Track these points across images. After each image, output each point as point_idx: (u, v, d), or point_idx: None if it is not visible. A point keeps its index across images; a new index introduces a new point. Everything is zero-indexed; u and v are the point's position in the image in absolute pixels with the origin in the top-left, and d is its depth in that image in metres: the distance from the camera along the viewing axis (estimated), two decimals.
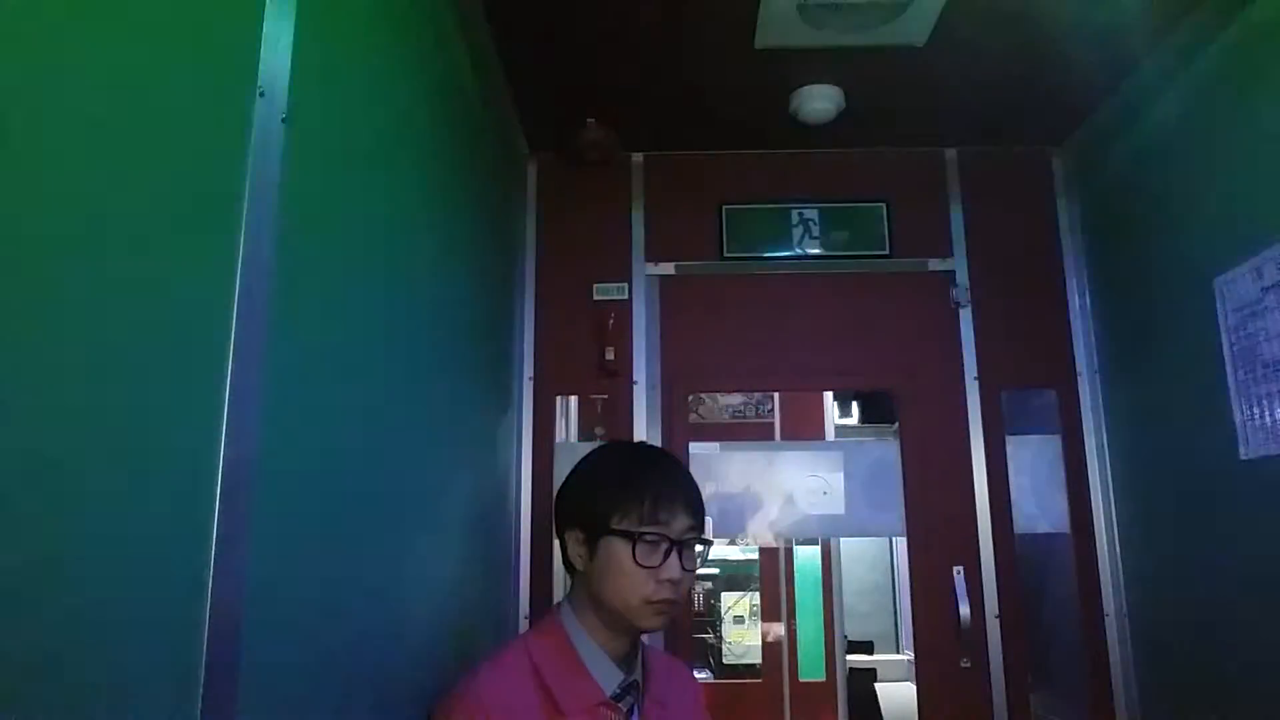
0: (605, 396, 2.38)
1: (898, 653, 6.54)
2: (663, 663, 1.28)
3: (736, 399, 3.97)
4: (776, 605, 3.73)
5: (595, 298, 2.37)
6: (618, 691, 1.14)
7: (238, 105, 0.77)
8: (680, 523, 1.15)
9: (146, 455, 0.62)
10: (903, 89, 2.13)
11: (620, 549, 1.12)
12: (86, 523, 0.56)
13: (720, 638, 3.83)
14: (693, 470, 1.46)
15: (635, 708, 1.17)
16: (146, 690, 0.61)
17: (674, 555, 1.13)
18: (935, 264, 2.40)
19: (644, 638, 1.23)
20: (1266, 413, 1.60)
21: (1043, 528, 2.28)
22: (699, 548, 1.18)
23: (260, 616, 0.76)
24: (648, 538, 1.12)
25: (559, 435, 2.38)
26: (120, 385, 0.60)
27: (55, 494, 0.53)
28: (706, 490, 1.87)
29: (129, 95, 0.61)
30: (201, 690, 0.67)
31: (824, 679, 3.63)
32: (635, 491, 1.14)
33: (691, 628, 3.26)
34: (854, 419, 5.36)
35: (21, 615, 0.50)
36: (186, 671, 0.66)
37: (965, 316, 2.35)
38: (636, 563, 1.11)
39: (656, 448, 1.30)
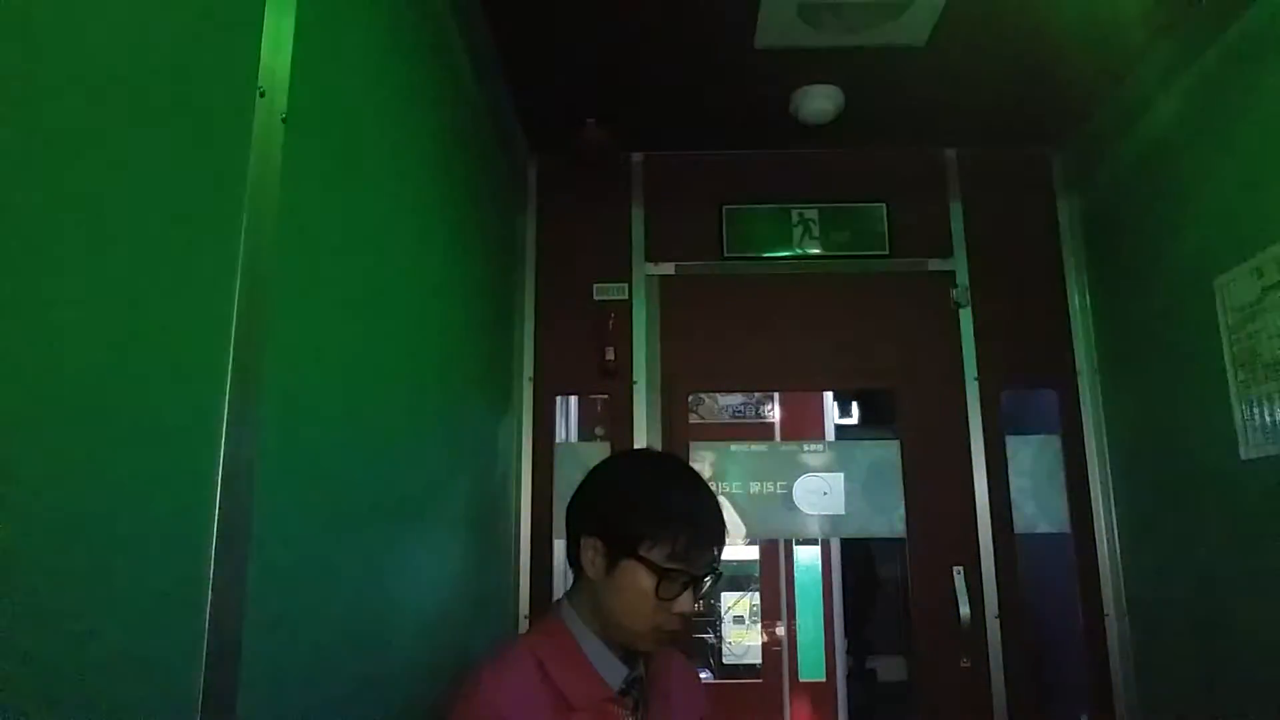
0: (605, 396, 2.38)
1: (898, 653, 6.53)
2: (664, 655, 1.27)
3: (736, 399, 3.97)
4: (776, 605, 3.73)
5: (595, 298, 2.37)
6: (623, 686, 1.14)
7: (238, 105, 0.77)
8: (705, 559, 1.13)
9: (146, 455, 0.62)
10: (903, 89, 2.13)
11: (643, 577, 1.09)
12: (87, 522, 0.56)
13: (720, 638, 3.83)
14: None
15: (641, 702, 1.17)
16: (147, 690, 0.61)
17: (690, 589, 1.12)
18: (935, 264, 2.40)
19: None
20: (1266, 413, 1.60)
21: (1043, 528, 2.27)
22: (708, 578, 1.17)
23: (260, 616, 0.76)
24: (673, 574, 1.10)
25: (559, 435, 2.38)
26: (121, 385, 0.60)
27: (55, 494, 0.53)
28: None
29: (129, 95, 0.62)
30: (202, 690, 0.67)
31: (824, 679, 3.63)
32: (670, 524, 1.10)
33: (692, 628, 3.26)
34: (854, 419, 5.36)
35: (21, 615, 0.50)
36: (187, 671, 0.66)
37: (965, 316, 2.35)
38: (657, 595, 1.10)
39: (690, 469, 1.24)
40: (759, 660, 3.70)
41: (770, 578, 3.79)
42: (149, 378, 0.63)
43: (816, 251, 2.42)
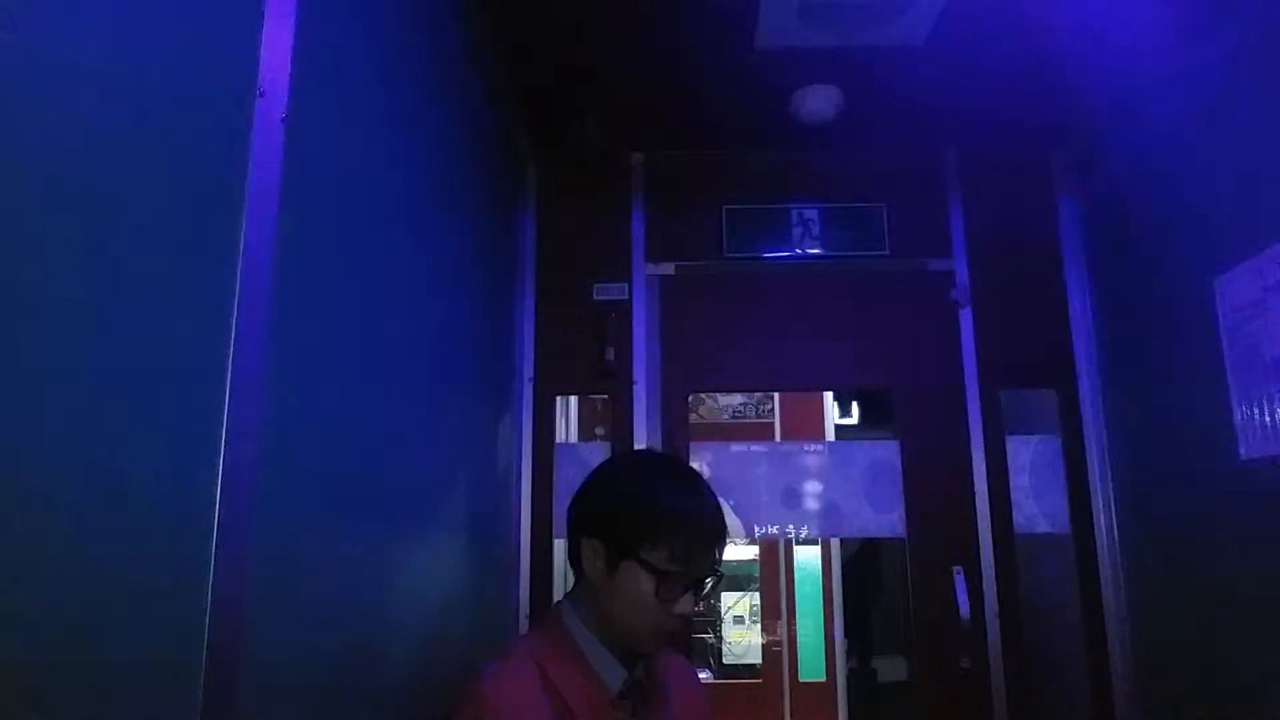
0: (605, 396, 2.38)
1: (898, 653, 6.54)
2: (664, 656, 1.28)
3: (736, 399, 3.97)
4: (776, 605, 3.73)
5: (595, 298, 2.36)
6: (623, 689, 1.14)
7: (238, 105, 0.77)
8: (706, 561, 1.13)
9: (147, 455, 0.62)
10: (903, 89, 2.13)
11: (643, 579, 1.09)
12: (87, 522, 0.56)
13: (720, 638, 3.84)
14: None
15: (640, 704, 1.17)
16: (147, 690, 0.61)
17: (691, 591, 1.12)
18: (935, 264, 2.40)
19: None
20: (1266, 413, 1.60)
21: (1043, 528, 2.27)
22: (709, 580, 1.17)
23: (260, 616, 0.76)
24: (674, 577, 1.10)
25: (559, 435, 2.38)
26: (121, 385, 0.60)
27: (56, 494, 0.53)
28: None
29: (129, 95, 0.61)
30: (201, 690, 0.67)
31: (824, 679, 3.63)
32: (672, 527, 1.10)
33: (691, 627, 3.26)
34: (854, 419, 5.37)
35: (22, 615, 0.50)
36: (186, 671, 0.66)
37: (965, 316, 2.35)
38: (657, 597, 1.09)
39: (691, 470, 1.25)
40: (759, 660, 3.70)
41: (770, 578, 3.79)
42: (149, 378, 0.63)
43: (816, 251, 2.42)
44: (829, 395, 3.91)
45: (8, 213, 0.50)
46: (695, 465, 2.27)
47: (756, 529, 2.35)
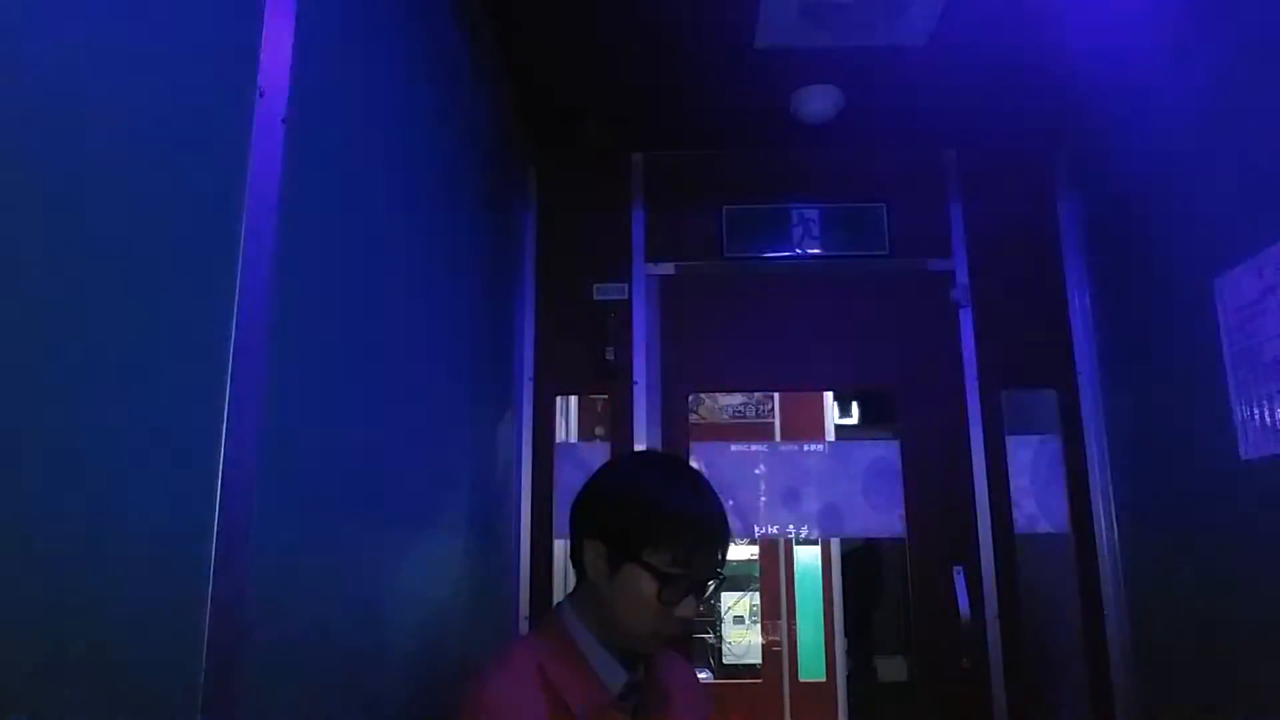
0: (605, 396, 2.38)
1: (897, 652, 6.54)
2: (665, 658, 1.28)
3: (736, 399, 3.97)
4: (776, 605, 3.73)
5: (595, 298, 2.36)
6: (623, 691, 1.14)
7: (238, 105, 0.77)
8: (709, 563, 1.13)
9: (147, 455, 0.62)
10: (903, 89, 2.13)
11: (646, 582, 1.09)
12: (87, 523, 0.56)
13: (720, 638, 3.84)
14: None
15: (640, 706, 1.17)
16: (147, 690, 0.61)
17: (693, 594, 1.12)
18: (935, 264, 2.40)
19: None
20: (1266, 413, 1.60)
21: (1043, 528, 2.27)
22: (712, 582, 1.16)
23: (260, 616, 0.76)
24: (676, 579, 1.10)
25: (559, 435, 2.38)
26: (121, 385, 0.60)
27: (57, 494, 0.53)
28: None
29: (129, 95, 0.61)
30: (201, 690, 0.67)
31: (824, 679, 3.63)
32: (674, 529, 1.10)
33: (692, 628, 3.26)
34: (854, 419, 5.37)
35: (23, 615, 0.50)
36: (186, 671, 0.66)
37: (965, 316, 2.35)
38: (659, 600, 1.09)
39: (694, 472, 1.24)
40: (759, 660, 3.70)
41: (770, 578, 3.79)
42: (149, 379, 0.63)
43: (816, 251, 2.42)
44: (829, 395, 3.91)
45: (7, 213, 0.50)
46: (695, 465, 2.26)
47: (756, 529, 2.35)
